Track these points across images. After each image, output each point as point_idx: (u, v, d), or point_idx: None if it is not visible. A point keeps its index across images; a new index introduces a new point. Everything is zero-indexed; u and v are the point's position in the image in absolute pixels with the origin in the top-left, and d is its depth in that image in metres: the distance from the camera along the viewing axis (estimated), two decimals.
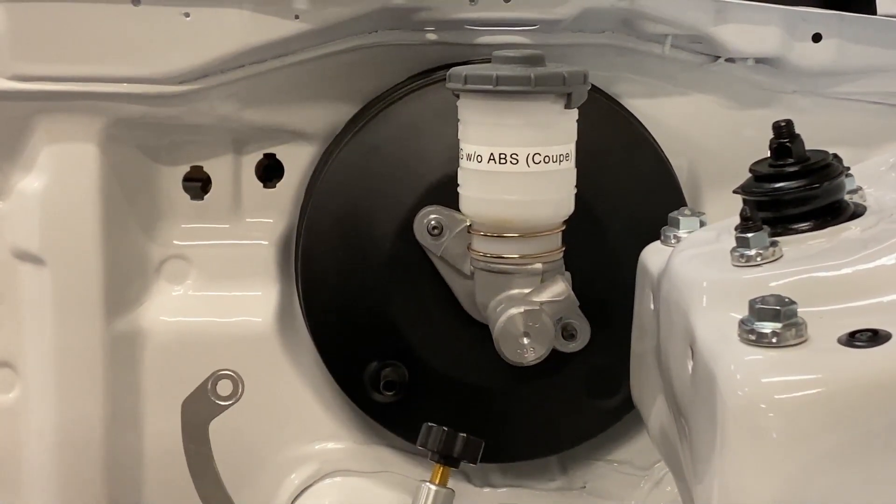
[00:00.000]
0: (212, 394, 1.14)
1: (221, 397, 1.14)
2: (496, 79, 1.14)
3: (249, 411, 1.33)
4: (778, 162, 0.94)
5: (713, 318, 0.83)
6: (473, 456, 1.15)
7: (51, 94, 1.28)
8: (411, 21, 1.31)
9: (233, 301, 1.39)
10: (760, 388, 0.73)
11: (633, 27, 1.34)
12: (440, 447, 1.15)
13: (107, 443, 1.36)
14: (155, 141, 1.36)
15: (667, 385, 0.96)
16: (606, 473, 1.43)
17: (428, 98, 1.30)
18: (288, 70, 1.32)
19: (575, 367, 1.32)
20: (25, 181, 1.33)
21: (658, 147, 1.35)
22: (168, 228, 1.39)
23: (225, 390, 1.14)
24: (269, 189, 1.40)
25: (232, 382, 1.14)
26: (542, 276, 1.20)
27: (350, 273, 1.31)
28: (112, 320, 1.35)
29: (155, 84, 1.28)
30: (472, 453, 1.15)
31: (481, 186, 1.18)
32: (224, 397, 1.14)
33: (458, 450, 1.14)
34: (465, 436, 1.15)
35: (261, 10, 1.26)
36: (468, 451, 1.15)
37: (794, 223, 0.92)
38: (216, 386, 1.14)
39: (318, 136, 1.38)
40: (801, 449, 0.72)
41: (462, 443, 1.15)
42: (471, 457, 1.15)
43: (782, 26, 1.34)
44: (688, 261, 0.95)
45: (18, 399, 1.38)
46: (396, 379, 1.32)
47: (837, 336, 0.75)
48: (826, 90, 1.40)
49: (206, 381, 1.14)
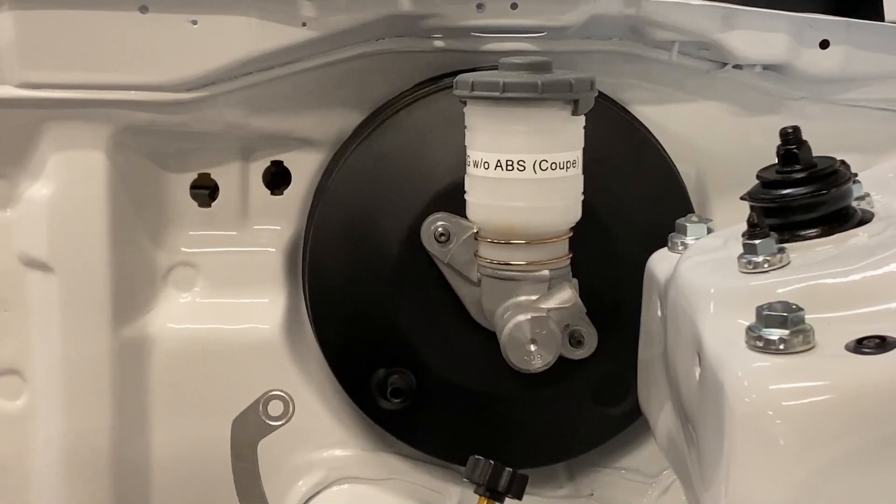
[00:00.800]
0: (263, 414, 1.14)
1: (272, 417, 1.15)
2: (503, 85, 1.13)
3: None
4: (785, 168, 0.94)
5: (720, 324, 0.83)
6: (519, 491, 1.15)
7: (59, 101, 1.28)
8: (418, 28, 1.32)
9: (240, 308, 1.39)
10: (768, 395, 0.73)
11: (640, 34, 1.34)
12: (486, 481, 1.14)
13: (114, 450, 1.36)
14: (162, 148, 1.36)
15: (674, 392, 0.96)
16: (614, 481, 1.43)
17: (435, 105, 1.30)
18: (295, 77, 1.32)
19: (582, 374, 1.32)
20: (34, 188, 1.34)
21: (665, 153, 1.35)
22: (176, 235, 1.39)
23: (276, 410, 1.15)
24: (277, 196, 1.40)
25: (283, 403, 1.15)
26: (549, 282, 1.19)
27: (357, 280, 1.31)
28: (120, 327, 1.36)
29: (162, 91, 1.28)
30: (517, 488, 1.15)
31: (488, 193, 1.18)
32: (274, 417, 1.15)
33: (503, 484, 1.14)
34: (512, 470, 1.14)
35: (268, 17, 1.26)
36: (514, 485, 1.14)
37: (801, 230, 0.92)
38: (267, 406, 1.15)
39: (326, 143, 1.38)
40: (808, 456, 0.71)
41: (508, 477, 1.14)
42: (516, 491, 1.15)
43: (790, 33, 1.33)
44: (695, 267, 0.95)
45: (26, 406, 1.38)
46: (404, 386, 1.32)
47: (845, 343, 0.75)
48: (834, 97, 1.40)
49: (258, 401, 1.14)
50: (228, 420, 1.37)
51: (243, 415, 1.15)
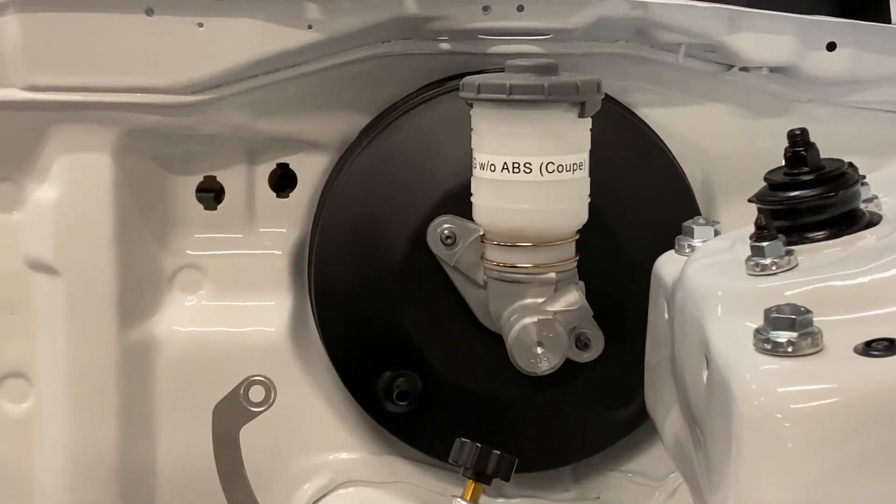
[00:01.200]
0: (244, 400, 1.13)
1: (254, 403, 1.13)
2: (509, 87, 1.13)
3: (262, 421, 1.33)
4: (793, 170, 0.94)
5: (728, 327, 0.83)
6: (507, 473, 1.13)
7: (64, 104, 1.28)
8: (424, 31, 1.31)
9: (246, 311, 1.39)
10: (776, 398, 0.72)
11: (646, 36, 1.34)
12: (473, 463, 1.13)
13: (120, 453, 1.36)
14: (168, 151, 1.36)
15: (681, 395, 0.96)
16: (620, 484, 1.42)
17: (441, 108, 1.30)
18: (301, 80, 1.32)
19: (589, 377, 1.32)
20: (39, 191, 1.34)
21: (672, 156, 1.35)
22: (181, 238, 1.39)
23: (257, 396, 1.13)
24: (283, 199, 1.40)
25: (264, 388, 1.13)
26: (555, 285, 1.19)
27: (363, 283, 1.31)
28: (125, 330, 1.36)
29: (168, 94, 1.28)
30: (505, 470, 1.13)
31: (495, 195, 1.18)
32: (256, 403, 1.13)
33: (491, 467, 1.13)
34: (500, 453, 1.13)
35: (274, 19, 1.26)
36: (502, 468, 1.13)
37: (809, 232, 0.92)
38: (248, 392, 1.13)
39: (332, 145, 1.38)
40: (817, 459, 0.71)
41: (496, 460, 1.13)
42: (504, 474, 1.13)
43: (797, 35, 1.33)
44: (702, 270, 0.95)
45: (32, 409, 1.38)
46: (410, 389, 1.31)
47: (853, 345, 0.75)
48: (841, 99, 1.39)
49: (238, 386, 1.12)
50: None
51: (224, 401, 1.13)
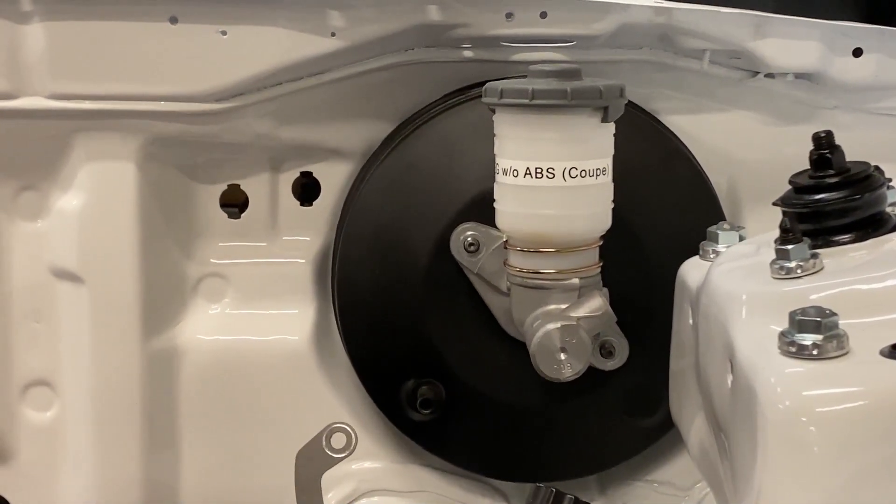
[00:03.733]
0: (326, 446, 1.15)
1: (335, 450, 1.15)
2: (532, 92, 1.13)
3: (285, 430, 1.33)
4: (818, 173, 0.93)
5: (753, 330, 0.82)
6: None
7: (89, 112, 1.29)
8: (447, 38, 1.31)
9: (269, 319, 1.39)
10: (801, 402, 0.72)
11: (670, 43, 1.33)
12: None
13: (144, 461, 1.36)
14: (192, 159, 1.37)
15: (706, 401, 0.95)
16: (646, 494, 1.41)
17: (464, 115, 1.30)
18: (324, 88, 1.32)
19: (613, 385, 1.31)
20: (64, 199, 1.34)
21: (696, 162, 1.34)
22: (205, 246, 1.39)
23: (339, 443, 1.15)
24: (306, 207, 1.40)
25: (346, 436, 1.15)
26: (579, 291, 1.19)
27: (386, 290, 1.31)
28: (149, 338, 1.36)
29: (192, 102, 1.29)
30: None
31: (517, 201, 1.18)
32: (337, 450, 1.15)
33: None
34: (574, 497, 1.12)
35: (297, 27, 1.26)
36: None
37: (834, 235, 0.91)
38: (330, 439, 1.15)
39: (355, 153, 1.38)
40: (843, 463, 0.70)
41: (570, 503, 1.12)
42: None
43: (822, 41, 1.32)
44: (727, 274, 0.94)
45: (56, 417, 1.39)
46: (433, 397, 1.31)
47: (879, 348, 0.74)
48: (867, 105, 1.38)
49: (321, 433, 1.15)
50: (257, 431, 1.38)
51: (307, 448, 1.16)
